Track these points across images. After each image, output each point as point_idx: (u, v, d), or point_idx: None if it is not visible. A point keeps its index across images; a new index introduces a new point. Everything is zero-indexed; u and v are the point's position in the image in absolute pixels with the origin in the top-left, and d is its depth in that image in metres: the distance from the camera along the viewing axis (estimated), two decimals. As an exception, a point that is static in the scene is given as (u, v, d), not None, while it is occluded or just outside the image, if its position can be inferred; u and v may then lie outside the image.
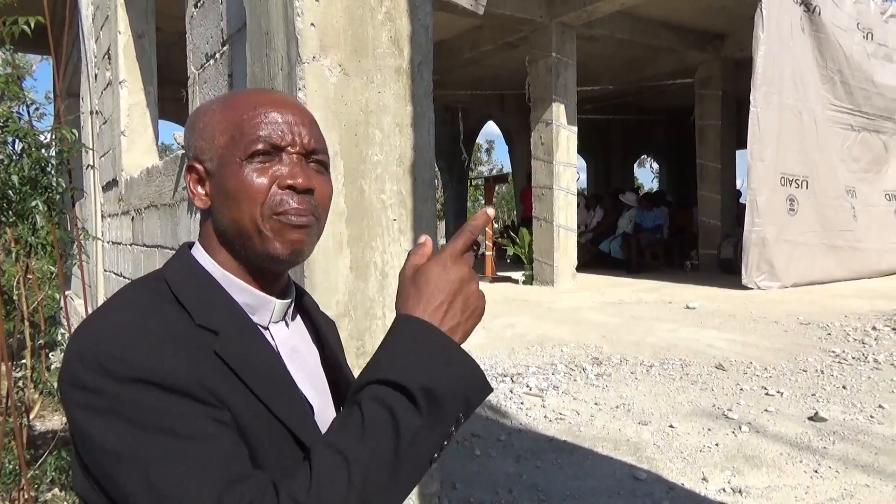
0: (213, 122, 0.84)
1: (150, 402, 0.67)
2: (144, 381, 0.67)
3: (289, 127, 0.82)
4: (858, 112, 9.21)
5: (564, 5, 8.51)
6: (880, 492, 2.75)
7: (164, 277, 0.82)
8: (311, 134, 0.84)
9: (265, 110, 0.82)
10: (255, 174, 0.80)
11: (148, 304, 0.77)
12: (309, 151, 0.83)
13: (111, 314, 0.75)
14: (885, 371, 4.58)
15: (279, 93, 0.88)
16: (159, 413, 0.67)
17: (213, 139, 0.83)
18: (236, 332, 0.79)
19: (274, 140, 0.81)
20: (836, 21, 8.67)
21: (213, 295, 0.82)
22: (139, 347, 0.70)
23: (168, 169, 3.71)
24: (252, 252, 0.82)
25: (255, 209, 0.80)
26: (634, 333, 5.88)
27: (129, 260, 4.91)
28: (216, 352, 0.75)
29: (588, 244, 11.38)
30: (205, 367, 0.72)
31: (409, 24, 2.14)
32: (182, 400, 0.68)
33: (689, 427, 3.57)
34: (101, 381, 0.68)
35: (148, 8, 5.27)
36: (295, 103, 0.87)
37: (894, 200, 9.87)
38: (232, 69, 2.60)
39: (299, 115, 0.84)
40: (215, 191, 0.83)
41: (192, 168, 0.85)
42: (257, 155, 0.80)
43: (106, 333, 0.71)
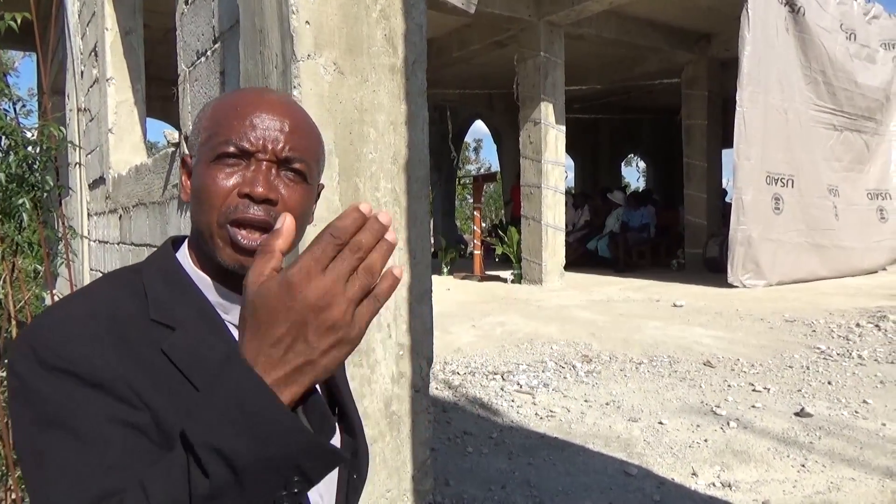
0: (203, 118, 0.84)
1: (62, 394, 0.66)
2: (66, 372, 0.67)
3: (263, 132, 0.79)
4: (841, 112, 9.32)
5: (553, 5, 8.55)
6: (865, 485, 2.79)
7: (140, 269, 0.82)
8: (291, 141, 0.80)
9: (246, 112, 0.79)
10: (221, 176, 0.78)
11: (107, 296, 0.77)
12: (282, 159, 0.79)
13: (66, 304, 0.76)
14: (868, 367, 4.65)
15: (273, 94, 0.84)
16: (66, 407, 0.66)
17: (198, 135, 0.83)
18: (197, 329, 0.78)
19: (243, 144, 0.78)
20: (820, 22, 8.77)
21: (180, 291, 0.81)
22: (74, 339, 0.69)
23: (157, 166, 3.69)
24: (209, 253, 0.81)
25: (212, 214, 0.78)
26: (623, 331, 5.92)
27: (116, 259, 4.87)
28: (163, 350, 0.74)
29: (576, 243, 11.43)
30: (142, 366, 0.71)
31: (403, 22, 2.15)
32: (97, 396, 0.67)
33: (679, 423, 3.61)
34: (25, 367, 0.68)
35: (136, 4, 5.23)
36: (284, 107, 0.82)
37: (876, 199, 9.99)
38: (224, 67, 2.59)
39: (280, 120, 0.80)
40: (192, 187, 0.82)
41: (184, 161, 0.85)
42: (225, 157, 0.78)
43: (50, 322, 0.72)
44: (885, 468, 2.97)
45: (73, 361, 0.68)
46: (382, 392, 2.05)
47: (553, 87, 8.90)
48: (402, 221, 2.14)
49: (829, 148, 9.28)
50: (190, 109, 3.01)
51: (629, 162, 27.20)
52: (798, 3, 8.47)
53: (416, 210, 2.16)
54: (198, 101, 2.91)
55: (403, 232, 2.13)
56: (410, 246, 2.16)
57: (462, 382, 4.51)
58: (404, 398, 2.10)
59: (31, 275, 4.68)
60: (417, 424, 2.13)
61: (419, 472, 2.15)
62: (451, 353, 5.27)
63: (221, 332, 0.80)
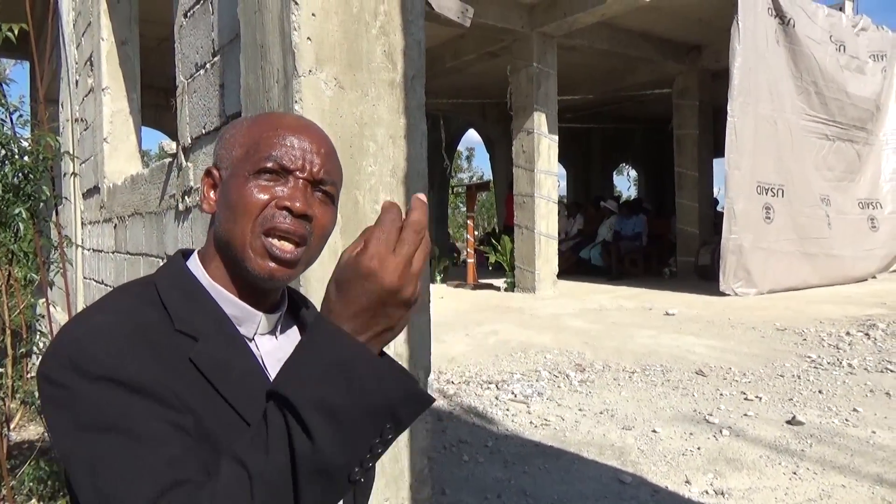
0: (237, 134, 0.87)
1: (109, 400, 0.69)
2: (109, 379, 0.69)
3: (302, 153, 0.84)
4: (833, 122, 9.42)
5: (545, 16, 8.63)
6: (856, 492, 2.84)
7: (154, 282, 0.84)
8: (324, 164, 0.85)
9: (285, 133, 0.84)
10: (257, 189, 0.82)
11: (129, 307, 0.79)
12: (317, 180, 0.84)
13: (92, 315, 0.78)
14: (858, 375, 4.71)
15: (307, 121, 0.90)
16: (116, 412, 0.68)
17: (232, 149, 0.86)
18: (217, 340, 0.80)
19: (284, 162, 0.82)
20: (810, 33, 8.88)
21: (198, 302, 0.83)
22: (110, 347, 0.72)
23: (154, 177, 3.70)
24: (236, 263, 0.83)
25: (248, 223, 0.81)
26: (616, 340, 5.96)
27: (111, 268, 4.87)
28: (191, 358, 0.76)
29: (568, 251, 11.48)
30: (175, 372, 0.74)
31: (402, 38, 2.18)
32: (143, 401, 0.69)
33: (672, 431, 3.65)
34: (67, 377, 0.70)
35: (132, 15, 5.26)
36: (318, 132, 0.88)
37: (867, 208, 10.09)
38: (223, 80, 2.62)
39: (317, 144, 0.86)
40: (221, 199, 0.85)
41: (209, 173, 0.88)
42: (265, 172, 0.82)
43: (82, 333, 0.74)
44: (875, 475, 3.01)
45: (113, 368, 0.70)
46: (381, 402, 2.06)
47: (546, 97, 8.97)
48: (401, 233, 2.17)
49: (821, 158, 9.37)
50: (188, 121, 3.03)
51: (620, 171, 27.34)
52: (788, 15, 8.58)
53: (415, 222, 2.19)
54: (196, 112, 2.93)
55: (402, 244, 2.16)
56: (409, 257, 2.18)
57: (457, 392, 4.54)
58: (403, 408, 2.12)
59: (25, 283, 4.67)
60: (415, 433, 2.15)
61: (417, 480, 2.17)
62: (446, 363, 5.29)
63: (238, 344, 0.83)
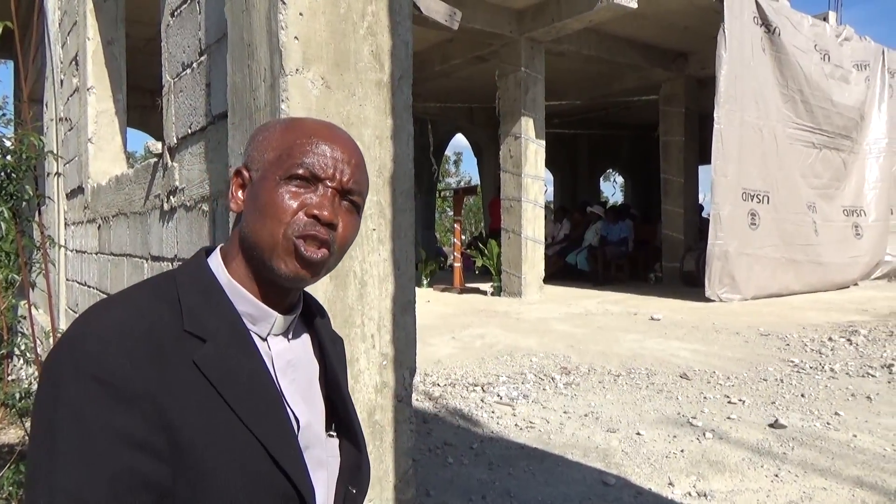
0: (270, 138, 0.88)
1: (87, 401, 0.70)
2: (101, 381, 0.71)
3: (334, 162, 0.85)
4: (819, 130, 9.52)
5: (534, 21, 8.67)
6: (837, 494, 2.87)
7: (174, 278, 0.85)
8: (354, 175, 0.87)
9: (318, 141, 0.86)
10: (288, 195, 0.83)
11: (143, 304, 0.80)
12: (346, 190, 0.86)
13: (105, 310, 0.79)
14: (840, 380, 4.76)
15: (340, 130, 0.91)
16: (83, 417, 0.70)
17: (264, 152, 0.87)
18: (226, 341, 0.81)
19: (315, 170, 0.84)
20: (796, 42, 8.98)
21: (214, 301, 0.84)
22: (113, 348, 0.73)
23: (139, 177, 3.68)
24: (261, 263, 0.84)
25: (278, 228, 0.82)
26: (601, 344, 5.99)
27: (94, 269, 4.83)
28: (195, 361, 0.77)
29: (555, 256, 11.52)
30: (172, 379, 0.75)
31: (389, 39, 2.19)
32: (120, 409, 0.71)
33: (656, 434, 3.67)
34: (63, 374, 0.72)
35: (118, 15, 5.22)
36: (351, 144, 0.89)
37: (851, 216, 10.19)
38: (210, 79, 2.61)
39: (348, 154, 0.87)
40: (249, 199, 0.86)
41: (239, 173, 0.89)
42: (296, 178, 0.84)
43: (90, 329, 0.75)
44: (855, 478, 3.04)
45: (109, 371, 0.71)
46: (366, 402, 2.07)
47: (533, 102, 9.01)
48: (387, 233, 2.17)
49: (808, 165, 9.46)
50: (174, 121, 3.02)
51: (607, 177, 27.50)
52: (773, 24, 8.68)
53: (401, 222, 2.19)
54: (182, 112, 2.92)
55: (388, 243, 2.16)
56: (395, 257, 2.19)
57: (442, 394, 4.54)
58: (387, 408, 2.12)
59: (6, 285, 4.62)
60: (400, 434, 2.15)
61: (401, 481, 2.17)
62: (432, 365, 5.29)
63: (248, 345, 0.84)
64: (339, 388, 0.97)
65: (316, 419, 0.91)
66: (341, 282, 2.06)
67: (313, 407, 0.92)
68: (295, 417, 0.85)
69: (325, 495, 0.90)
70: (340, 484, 0.93)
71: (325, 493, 0.90)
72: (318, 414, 0.92)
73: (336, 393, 0.96)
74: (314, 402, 0.92)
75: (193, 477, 0.73)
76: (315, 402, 0.93)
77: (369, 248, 2.12)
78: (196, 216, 2.74)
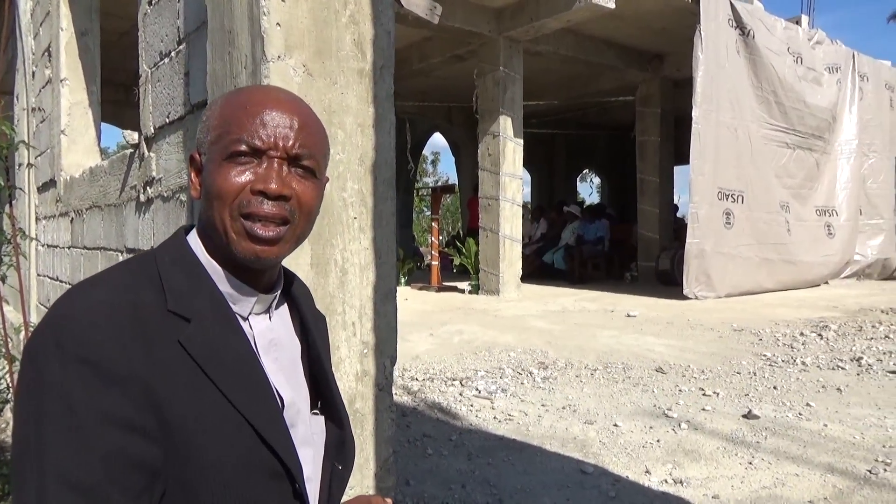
0: (212, 115, 0.85)
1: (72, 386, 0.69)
2: (86, 362, 0.69)
3: (274, 129, 0.81)
4: (793, 131, 9.69)
5: (512, 20, 8.72)
6: (809, 480, 2.93)
7: (154, 257, 0.84)
8: (301, 138, 0.83)
9: (256, 110, 0.81)
10: (232, 174, 0.80)
11: (125, 284, 0.78)
12: (293, 156, 0.82)
13: (87, 291, 0.78)
14: (811, 373, 4.87)
15: (281, 92, 0.87)
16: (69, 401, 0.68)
17: (208, 133, 0.84)
18: (211, 320, 0.80)
19: (255, 143, 0.80)
20: (769, 45, 9.14)
21: (197, 280, 0.83)
22: (98, 329, 0.72)
23: (115, 168, 3.64)
24: (223, 248, 0.83)
25: (224, 210, 0.80)
26: (578, 339, 6.04)
27: (66, 263, 4.75)
28: (180, 341, 0.76)
29: (532, 255, 11.58)
30: (159, 358, 0.74)
31: (372, 28, 2.20)
32: (107, 390, 0.69)
33: (633, 425, 3.71)
34: (48, 358, 0.70)
35: (92, 5, 5.14)
36: (292, 104, 0.85)
37: (824, 216, 10.38)
38: (189, 68, 2.59)
39: (290, 117, 0.83)
40: (203, 184, 0.84)
41: (192, 158, 0.87)
42: (237, 155, 0.81)
43: (72, 310, 0.74)
44: (826, 464, 3.12)
45: (95, 352, 0.70)
46: (346, 390, 2.07)
47: (512, 101, 9.06)
48: (368, 221, 2.17)
49: (782, 165, 9.62)
50: (151, 110, 2.99)
51: (584, 178, 27.71)
52: (748, 27, 8.83)
53: (382, 210, 2.20)
54: (160, 101, 2.90)
55: (370, 231, 2.16)
56: (376, 245, 2.19)
57: (421, 388, 4.54)
58: (368, 396, 2.12)
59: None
60: (380, 422, 2.15)
61: (382, 469, 2.17)
62: (410, 361, 5.29)
63: (233, 325, 0.83)
64: (322, 366, 0.96)
65: (300, 397, 0.91)
66: (322, 269, 2.06)
67: (297, 385, 0.91)
68: (279, 396, 0.85)
69: (311, 472, 0.90)
70: (327, 460, 0.94)
71: (312, 469, 0.90)
72: (301, 392, 0.92)
73: (319, 371, 0.96)
74: (297, 381, 0.92)
75: (182, 456, 0.73)
76: (298, 380, 0.93)
77: (350, 237, 2.12)
78: (174, 207, 2.71)
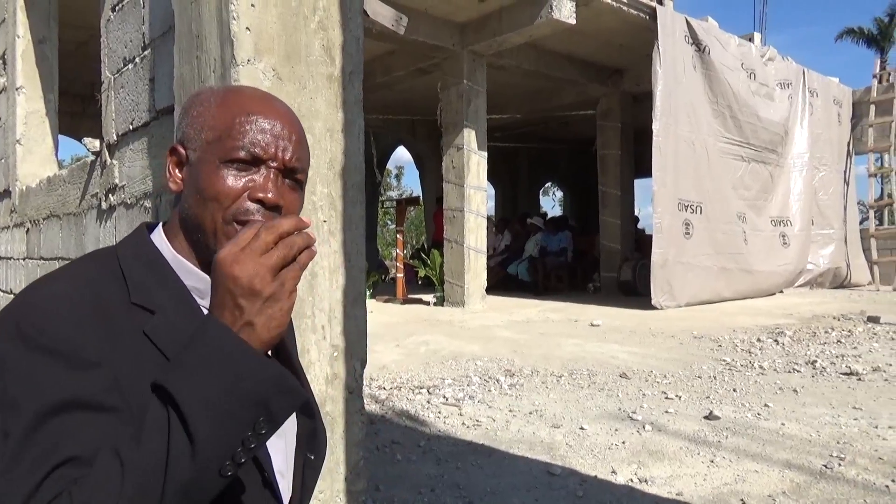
0: (206, 113, 0.85)
1: (41, 372, 0.68)
2: (49, 350, 0.69)
3: (275, 140, 0.83)
4: (747, 144, 9.99)
5: (476, 35, 8.84)
6: (768, 476, 3.03)
7: (116, 253, 0.84)
8: (296, 152, 0.85)
9: (258, 118, 0.83)
10: (230, 179, 0.81)
11: (88, 276, 0.79)
12: (289, 169, 0.84)
13: (49, 283, 0.78)
14: (769, 376, 5.02)
15: (280, 102, 0.88)
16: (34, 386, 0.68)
17: (201, 131, 0.84)
18: (175, 312, 0.81)
19: (257, 152, 0.82)
20: (724, 61, 9.43)
21: (159, 274, 0.83)
22: (59, 318, 0.71)
23: (74, 177, 3.58)
24: (204, 246, 0.83)
25: (219, 212, 0.81)
26: (543, 348, 6.10)
27: (21, 275, 4.63)
28: (145, 332, 0.77)
29: (497, 267, 11.65)
30: (125, 347, 0.74)
31: (341, 34, 2.22)
32: (74, 375, 0.69)
33: (598, 428, 3.78)
34: (9, 344, 0.70)
35: (50, 12, 5.06)
36: (290, 117, 0.87)
37: (779, 226, 10.69)
38: (154, 73, 2.58)
39: (289, 130, 0.85)
40: (189, 180, 0.84)
41: (175, 150, 0.86)
42: (237, 161, 0.82)
43: (35, 299, 0.74)
44: (784, 461, 3.22)
45: (59, 340, 0.70)
46: (316, 393, 2.06)
47: (475, 114, 9.15)
48: (337, 225, 2.19)
49: (738, 178, 9.90)
50: (114, 117, 2.95)
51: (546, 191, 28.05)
52: (703, 43, 9.10)
53: (352, 214, 2.21)
54: (124, 108, 2.87)
55: (339, 235, 2.17)
56: (346, 249, 2.20)
57: (389, 396, 4.54)
58: (338, 399, 2.12)
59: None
60: (351, 426, 2.15)
61: (352, 473, 2.17)
62: (377, 371, 5.28)
63: (197, 316, 0.82)
64: (290, 358, 0.97)
65: None
66: (292, 272, 2.05)
67: None
68: None
69: (283, 463, 0.90)
70: (298, 451, 0.94)
71: (284, 460, 0.91)
72: None
73: (287, 363, 0.95)
74: None
75: None
76: None
77: (320, 240, 2.13)
78: (138, 213, 2.68)
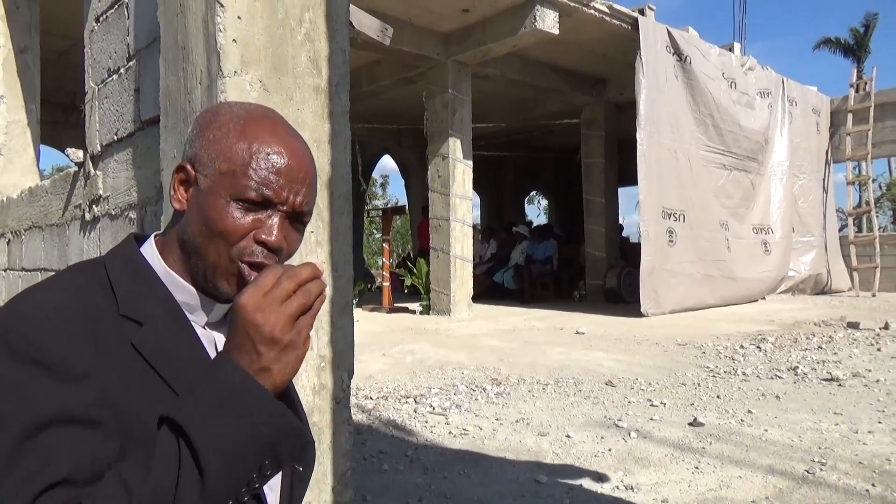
0: (224, 141, 0.83)
1: (28, 385, 0.68)
2: (37, 362, 0.69)
3: (288, 183, 0.82)
4: (729, 153, 10.11)
5: (460, 44, 8.90)
6: (751, 481, 3.06)
7: (104, 263, 0.84)
8: (307, 195, 0.84)
9: (275, 159, 0.82)
10: (238, 216, 0.81)
11: (76, 287, 0.78)
12: (297, 212, 0.84)
13: (37, 293, 0.77)
14: (752, 382, 5.07)
15: (298, 139, 0.86)
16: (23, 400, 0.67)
17: (216, 159, 0.82)
18: (165, 325, 0.81)
19: (268, 195, 0.81)
20: (705, 70, 9.56)
21: (148, 287, 0.83)
22: (47, 329, 0.71)
23: (57, 188, 3.55)
24: (202, 276, 0.83)
25: (224, 248, 0.81)
26: (529, 356, 6.12)
27: (2, 287, 4.58)
28: (133, 344, 0.76)
29: (483, 275, 11.67)
30: (113, 359, 0.73)
31: (327, 46, 2.24)
32: (60, 388, 0.69)
33: (584, 436, 3.80)
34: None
35: (32, 22, 5.03)
36: (306, 157, 0.85)
37: (760, 234, 10.81)
38: (139, 84, 2.58)
39: (304, 173, 0.84)
40: (194, 204, 0.83)
41: (184, 169, 0.85)
42: (248, 201, 0.81)
43: (22, 310, 0.74)
44: (768, 466, 3.26)
45: (47, 352, 0.70)
46: (304, 403, 2.06)
47: (461, 123, 9.20)
48: (324, 235, 2.19)
49: (720, 186, 10.01)
50: (98, 128, 2.94)
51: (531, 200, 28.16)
52: (684, 53, 9.22)
53: (339, 225, 2.22)
54: (108, 118, 2.86)
55: (326, 245, 2.18)
56: (333, 259, 2.21)
57: (375, 406, 4.53)
58: (325, 409, 2.12)
59: None
60: (338, 436, 2.15)
61: (339, 483, 2.17)
62: (363, 380, 5.27)
63: (187, 329, 0.83)
64: (290, 390, 0.95)
65: None
66: (279, 283, 2.06)
67: None
68: None
69: None
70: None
71: None
72: None
73: (286, 394, 0.97)
74: None
75: (141, 457, 0.72)
76: None
77: (307, 250, 2.13)
78: (122, 224, 2.67)
